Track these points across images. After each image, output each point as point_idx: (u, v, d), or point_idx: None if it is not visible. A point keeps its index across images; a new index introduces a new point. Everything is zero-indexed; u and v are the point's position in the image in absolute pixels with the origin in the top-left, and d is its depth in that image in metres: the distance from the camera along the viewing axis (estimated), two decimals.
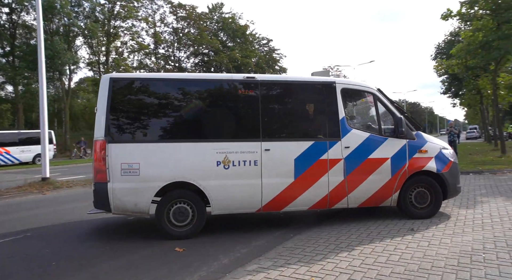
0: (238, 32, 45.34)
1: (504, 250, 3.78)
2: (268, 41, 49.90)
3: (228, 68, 41.25)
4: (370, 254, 3.88)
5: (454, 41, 27.15)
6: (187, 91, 5.20)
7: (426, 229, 4.77)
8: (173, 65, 40.43)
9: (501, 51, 11.94)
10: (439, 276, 3.18)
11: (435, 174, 5.50)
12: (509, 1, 11.65)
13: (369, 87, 5.73)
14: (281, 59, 50.41)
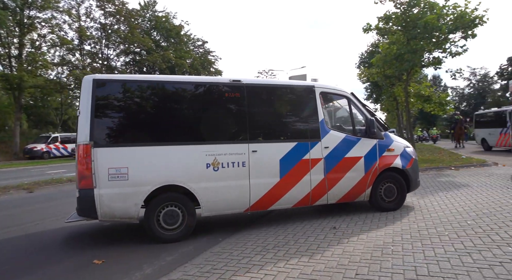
0: (172, 32, 44.07)
1: (408, 241, 4.19)
2: (203, 42, 49.35)
3: (162, 68, 39.79)
4: (295, 254, 4.01)
5: (374, 52, 29.85)
6: (174, 94, 5.16)
7: (347, 227, 5.09)
8: (101, 63, 37.73)
9: (410, 63, 13.39)
10: (354, 271, 3.40)
11: (400, 170, 6.05)
12: (414, 20, 13.14)
13: (344, 91, 6.15)
14: (217, 62, 50.25)
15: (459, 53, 13.59)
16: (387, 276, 3.21)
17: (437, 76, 57.49)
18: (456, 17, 12.81)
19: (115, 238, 5.40)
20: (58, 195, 9.51)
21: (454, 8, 13.04)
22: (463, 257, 3.56)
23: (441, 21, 12.90)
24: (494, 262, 3.39)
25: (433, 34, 13.13)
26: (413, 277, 3.15)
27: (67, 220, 5.18)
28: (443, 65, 14.47)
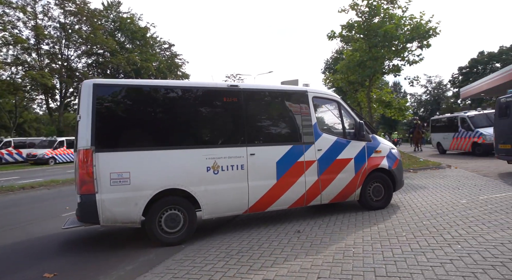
0: (137, 34, 42.95)
1: (368, 243, 4.31)
2: (170, 45, 48.56)
3: (127, 71, 38.63)
4: (258, 259, 3.98)
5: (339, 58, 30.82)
6: (173, 98, 5.19)
7: (311, 230, 5.14)
8: (61, 64, 35.92)
9: (372, 70, 13.95)
10: (315, 274, 3.43)
11: (387, 170, 6.39)
12: (375, 29, 13.73)
13: (334, 95, 6.51)
14: (184, 65, 49.62)
15: (416, 62, 14.36)
16: (348, 279, 3.27)
17: (397, 83, 60.38)
18: (412, 28, 13.53)
19: (71, 248, 5.12)
20: (8, 204, 8.86)
21: (410, 19, 13.77)
22: (418, 256, 3.71)
23: (399, 31, 13.56)
24: (445, 260, 3.55)
25: (392, 42, 13.78)
26: (372, 278, 3.23)
27: (64, 227, 5.01)
28: (402, 72, 15.22)
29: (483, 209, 5.68)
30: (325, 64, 42.99)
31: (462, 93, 32.80)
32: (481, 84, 27.18)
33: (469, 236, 4.30)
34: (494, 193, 7.00)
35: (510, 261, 3.42)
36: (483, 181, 8.64)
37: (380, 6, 13.99)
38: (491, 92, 27.78)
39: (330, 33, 15.27)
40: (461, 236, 4.31)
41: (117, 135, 4.81)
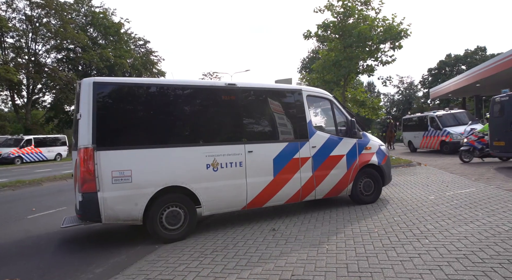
0: (111, 30, 41.63)
1: (342, 239, 4.38)
2: (145, 42, 47.43)
3: (99, 68, 37.40)
4: (233, 258, 3.96)
5: (315, 58, 31.24)
6: (174, 96, 5.21)
7: (286, 228, 5.17)
8: (28, 58, 34.26)
9: (347, 70, 14.22)
10: (290, 272, 3.44)
11: (376, 166, 6.66)
12: (349, 29, 14.00)
13: (327, 94, 6.62)
14: (160, 62, 48.63)
15: (389, 62, 14.78)
16: (321, 275, 3.30)
17: (371, 83, 61.98)
18: (385, 29, 13.90)
19: (37, 251, 4.88)
20: None
21: (383, 21, 14.14)
22: (389, 251, 3.81)
23: (373, 32, 13.90)
24: (414, 254, 3.67)
25: (366, 43, 14.10)
26: (345, 274, 3.28)
27: (62, 226, 4.97)
28: (375, 72, 15.62)
29: (449, 204, 5.93)
30: (301, 63, 43.49)
31: (432, 94, 34.19)
32: (449, 85, 28.41)
33: (436, 230, 4.47)
34: (459, 189, 7.32)
35: (472, 253, 3.57)
36: (450, 177, 9.01)
37: (354, 7, 14.28)
38: (457, 93, 29.11)
39: (306, 32, 15.42)
40: (429, 231, 4.46)
41: (118, 134, 4.80)
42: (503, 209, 5.35)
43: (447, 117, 17.32)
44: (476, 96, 29.55)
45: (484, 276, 3.05)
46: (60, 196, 9.60)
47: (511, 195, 6.39)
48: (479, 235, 4.18)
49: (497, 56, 20.24)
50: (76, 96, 4.93)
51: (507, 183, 7.63)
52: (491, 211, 5.31)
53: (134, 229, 5.92)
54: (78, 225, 5.01)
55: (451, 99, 41.04)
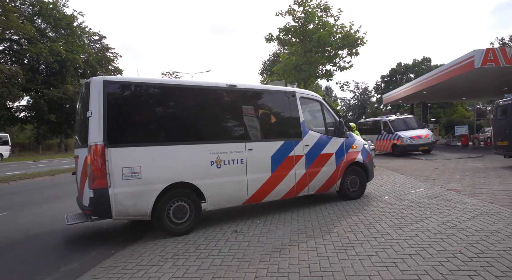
0: (62, 22, 39.13)
1: (303, 240, 4.46)
2: (100, 37, 45.25)
3: (49, 62, 34.98)
4: (195, 262, 3.87)
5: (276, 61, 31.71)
6: (182, 97, 5.36)
7: (248, 230, 5.16)
8: None
9: (307, 74, 14.63)
10: (253, 274, 3.44)
11: (361, 163, 7.18)
12: (310, 34, 14.43)
13: (317, 96, 7.05)
14: (116, 59, 46.58)
15: (346, 68, 15.43)
16: (284, 276, 3.33)
17: (329, 88, 64.30)
18: (343, 36, 14.51)
19: None
20: None
21: (341, 28, 14.76)
22: (348, 250, 3.94)
23: (332, 38, 14.43)
24: (371, 252, 3.83)
25: (325, 48, 14.61)
26: (307, 274, 3.34)
27: (68, 223, 4.95)
28: (333, 77, 16.21)
29: (402, 204, 6.29)
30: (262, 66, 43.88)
31: (384, 99, 36.16)
32: (399, 92, 30.23)
33: (391, 229, 4.71)
34: (410, 189, 7.80)
35: (423, 250, 3.81)
36: (401, 179, 9.58)
37: (315, 13, 14.74)
38: (407, 99, 31.05)
39: (268, 35, 15.65)
40: (384, 230, 4.70)
41: (127, 131, 4.90)
42: (447, 207, 5.78)
43: (398, 122, 18.43)
44: (422, 103, 31.75)
45: (433, 270, 3.26)
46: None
47: (453, 194, 6.93)
48: (428, 232, 4.47)
49: (440, 67, 21.90)
50: (82, 95, 5.09)
51: (450, 183, 8.26)
52: (437, 209, 5.71)
53: (89, 234, 5.60)
54: (84, 222, 5.02)
55: (401, 105, 43.71)
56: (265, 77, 25.29)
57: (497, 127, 12.18)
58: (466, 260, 3.47)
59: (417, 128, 18.36)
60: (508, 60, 16.44)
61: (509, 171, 10.16)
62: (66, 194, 10.02)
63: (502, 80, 21.05)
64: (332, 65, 15.60)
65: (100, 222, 6.33)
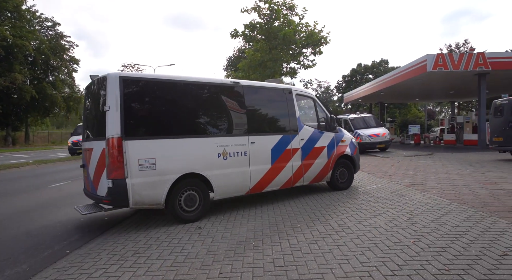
0: (8, 4, 35.94)
1: (267, 235, 4.50)
2: (54, 24, 42.32)
3: None
4: (157, 259, 3.76)
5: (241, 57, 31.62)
6: (193, 93, 5.64)
7: (212, 226, 5.11)
8: None
9: (271, 70, 14.73)
10: (217, 270, 3.40)
11: (349, 156, 7.71)
12: (275, 32, 14.54)
13: (311, 93, 7.61)
14: (72, 48, 43.89)
15: (310, 66, 15.74)
16: (249, 271, 3.33)
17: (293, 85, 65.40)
18: (307, 35, 14.77)
19: None
20: None
21: (306, 27, 15.02)
22: (311, 245, 4.03)
23: (297, 36, 14.64)
24: (333, 246, 3.95)
25: (290, 46, 14.79)
26: (272, 269, 3.37)
27: (83, 213, 5.14)
28: (297, 75, 16.47)
29: (361, 199, 6.55)
30: (227, 61, 43.58)
31: (345, 98, 37.47)
32: (359, 91, 31.48)
33: (351, 223, 4.89)
34: (369, 185, 8.16)
35: (381, 242, 3.99)
36: (360, 175, 9.98)
37: (280, 11, 14.84)
38: (366, 99, 32.42)
39: (234, 31, 15.53)
40: (345, 224, 4.86)
41: (143, 125, 5.11)
42: (402, 202, 6.11)
43: (358, 120, 19.18)
44: (380, 102, 33.32)
45: (390, 261, 3.42)
46: None
47: (408, 189, 7.34)
48: (385, 225, 4.70)
49: (396, 70, 23.10)
50: (94, 90, 5.39)
51: (404, 179, 8.76)
52: (393, 204, 6.02)
53: (40, 232, 5.23)
54: (98, 212, 5.25)
55: (361, 104, 45.55)
56: (229, 73, 25.11)
57: (493, 125, 13.41)
58: (418, 250, 3.69)
59: (375, 127, 19.23)
60: (455, 65, 17.72)
61: (455, 167, 10.96)
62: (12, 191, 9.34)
63: (449, 84, 22.65)
64: (296, 63, 15.86)
65: (53, 219, 5.97)
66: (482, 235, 4.14)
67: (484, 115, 19.52)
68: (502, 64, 17.93)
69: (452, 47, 43.70)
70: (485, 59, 17.71)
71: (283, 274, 3.23)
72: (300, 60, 15.58)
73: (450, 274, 3.07)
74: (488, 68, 17.74)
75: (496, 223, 4.60)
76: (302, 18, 15.43)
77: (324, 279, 3.09)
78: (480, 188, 7.26)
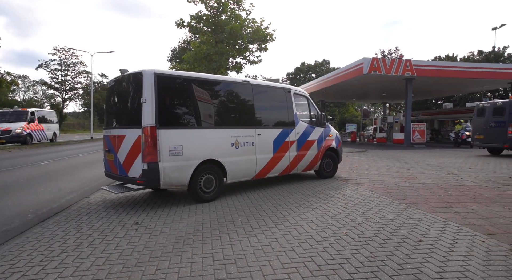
0: None
1: (208, 230, 4.47)
2: None
3: None
4: (88, 258, 3.52)
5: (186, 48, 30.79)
6: (212, 89, 6.41)
7: (150, 221, 4.92)
8: None
9: (217, 64, 14.57)
10: (154, 266, 3.29)
11: (334, 149, 8.84)
12: (222, 25, 14.39)
13: (305, 93, 8.50)
14: None
15: (256, 62, 15.87)
16: (187, 267, 3.28)
17: None
18: (254, 31, 14.86)
19: None
20: None
21: (252, 23, 15.09)
22: (250, 238, 4.09)
23: (243, 32, 14.64)
24: (272, 239, 4.05)
25: (236, 41, 14.74)
26: (210, 263, 3.35)
27: (116, 192, 5.75)
28: (243, 70, 16.52)
29: (300, 193, 6.82)
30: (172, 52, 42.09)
31: None
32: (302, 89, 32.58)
33: (290, 216, 5.06)
34: (306, 180, 8.52)
35: (316, 234, 4.20)
36: None
37: (227, 5, 14.70)
38: None
39: (179, 21, 15.03)
40: (284, 217, 5.02)
41: (172, 116, 5.80)
42: (337, 196, 6.50)
43: None
44: (322, 101, 34.90)
45: (324, 251, 3.62)
46: None
47: (343, 184, 7.83)
48: (321, 218, 4.95)
49: (337, 70, 24.37)
50: (125, 84, 6.04)
51: (340, 175, 9.32)
52: (329, 197, 6.36)
53: None
54: (128, 191, 5.99)
55: None
56: (174, 65, 24.30)
57: (475, 125, 15.56)
58: (350, 240, 3.95)
59: None
60: (387, 69, 19.24)
61: (385, 163, 11.94)
62: None
63: (382, 86, 24.53)
64: (242, 58, 15.88)
65: None
66: (403, 224, 4.57)
67: (410, 116, 21.52)
68: (426, 71, 19.89)
69: (385, 53, 47.28)
70: (412, 66, 19.48)
71: (222, 268, 3.24)
72: (246, 55, 15.62)
73: (375, 261, 3.34)
74: (414, 74, 19.55)
75: (415, 214, 5.11)
76: (249, 14, 15.46)
77: (262, 271, 3.15)
78: (404, 182, 8.00)
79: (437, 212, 5.18)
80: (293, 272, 3.12)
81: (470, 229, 4.35)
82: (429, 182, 7.96)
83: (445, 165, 11.63)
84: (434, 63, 22.80)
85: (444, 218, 4.85)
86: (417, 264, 3.28)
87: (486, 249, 3.68)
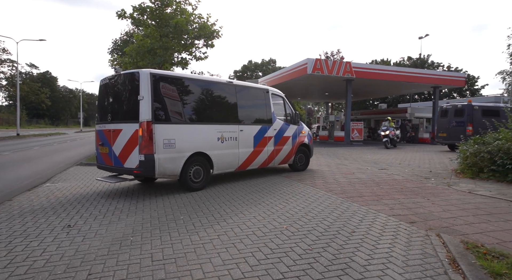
0: None
1: (148, 230, 4.32)
2: None
3: None
4: (5, 268, 3.19)
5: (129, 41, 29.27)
6: (201, 88, 7.15)
7: (84, 223, 4.62)
8: None
9: (161, 59, 14.07)
10: (87, 271, 3.10)
11: (307, 144, 9.82)
12: (167, 19, 13.93)
13: (281, 93, 9.31)
14: None
15: (202, 58, 15.60)
16: (123, 269, 3.14)
17: None
18: (200, 27, 14.60)
19: None
20: None
21: (199, 18, 14.80)
22: (192, 236, 4.04)
23: (189, 27, 14.31)
24: (213, 236, 4.05)
25: (182, 36, 14.36)
26: (149, 264, 3.25)
27: (113, 182, 6.50)
28: (189, 66, 16.15)
29: (244, 190, 6.90)
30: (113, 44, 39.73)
31: None
32: None
33: (233, 213, 5.09)
34: (250, 177, 8.63)
35: (258, 229, 4.28)
36: None
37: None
38: None
39: (121, 11, 14.24)
40: (227, 214, 5.03)
41: (166, 112, 6.33)
42: (279, 192, 6.68)
43: None
44: None
45: (265, 246, 3.70)
46: None
47: (285, 180, 8.08)
48: (264, 214, 5.06)
49: (282, 69, 24.99)
50: (119, 82, 6.52)
51: (284, 172, 9.60)
52: (272, 193, 6.52)
53: None
54: (123, 181, 6.62)
55: None
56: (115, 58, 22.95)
57: (439, 124, 17.85)
58: (290, 234, 4.09)
59: None
60: (329, 70, 20.19)
61: (326, 159, 12.55)
62: None
63: (325, 86, 25.70)
64: (188, 54, 15.49)
65: None
66: (339, 217, 4.85)
67: (350, 116, 22.83)
68: (363, 74, 21.24)
69: (328, 54, 49.57)
70: (351, 68, 20.68)
71: (161, 268, 3.15)
72: (192, 51, 15.27)
73: (312, 253, 3.50)
74: (353, 75, 20.77)
75: (350, 207, 5.46)
76: (195, 9, 15.09)
77: (202, 269, 3.13)
78: (342, 177, 8.49)
79: (369, 205, 5.58)
80: (233, 268, 3.15)
81: (396, 219, 4.76)
82: (364, 177, 8.54)
83: (379, 161, 12.56)
84: (371, 66, 24.44)
85: (375, 210, 5.24)
86: (349, 253, 3.50)
87: (407, 236, 4.06)
